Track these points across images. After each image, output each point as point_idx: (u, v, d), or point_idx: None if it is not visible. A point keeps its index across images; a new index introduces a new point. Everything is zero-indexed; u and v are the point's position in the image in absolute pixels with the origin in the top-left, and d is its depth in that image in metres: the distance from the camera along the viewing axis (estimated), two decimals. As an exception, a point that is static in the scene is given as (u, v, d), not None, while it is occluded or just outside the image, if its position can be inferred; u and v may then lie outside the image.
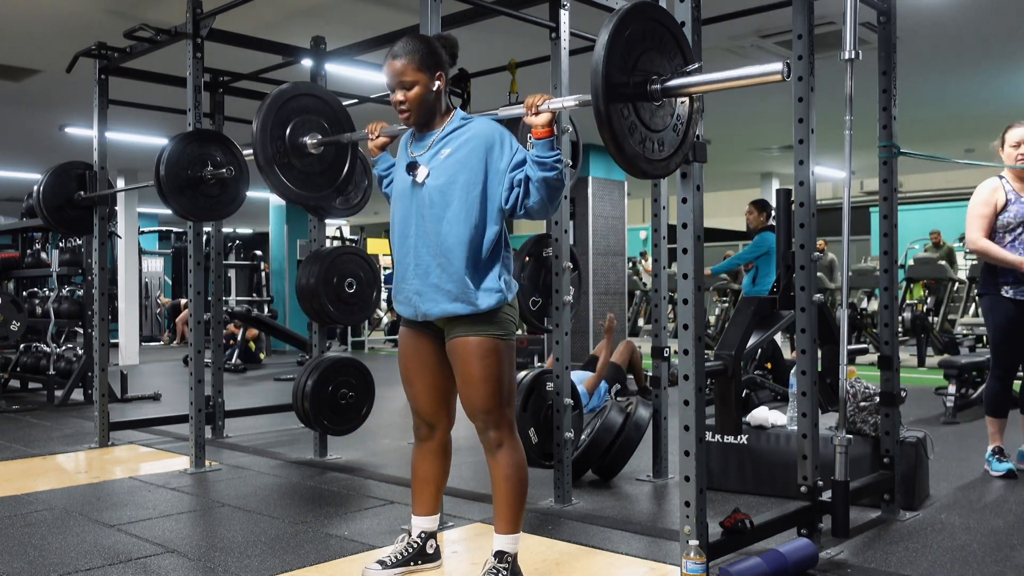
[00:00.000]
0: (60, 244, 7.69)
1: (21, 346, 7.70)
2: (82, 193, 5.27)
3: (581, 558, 2.96)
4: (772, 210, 6.94)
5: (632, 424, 4.08)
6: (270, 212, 13.65)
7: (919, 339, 9.57)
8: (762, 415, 3.93)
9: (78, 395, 7.28)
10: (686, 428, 2.46)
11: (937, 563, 2.86)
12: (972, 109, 9.24)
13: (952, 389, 5.78)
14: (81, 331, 7.53)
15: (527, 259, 3.81)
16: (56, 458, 4.89)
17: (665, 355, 3.97)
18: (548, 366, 3.94)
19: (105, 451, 5.08)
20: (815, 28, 3.17)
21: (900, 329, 9.04)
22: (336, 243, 12.42)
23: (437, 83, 2.56)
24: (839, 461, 2.97)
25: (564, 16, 3.64)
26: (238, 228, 20.35)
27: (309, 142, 3.47)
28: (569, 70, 3.69)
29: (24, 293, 8.29)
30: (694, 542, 2.42)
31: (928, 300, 10.47)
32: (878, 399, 3.51)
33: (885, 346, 3.46)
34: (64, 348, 7.49)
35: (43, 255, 8.02)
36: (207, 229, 5.51)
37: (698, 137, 2.42)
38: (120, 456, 5.00)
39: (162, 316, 16.43)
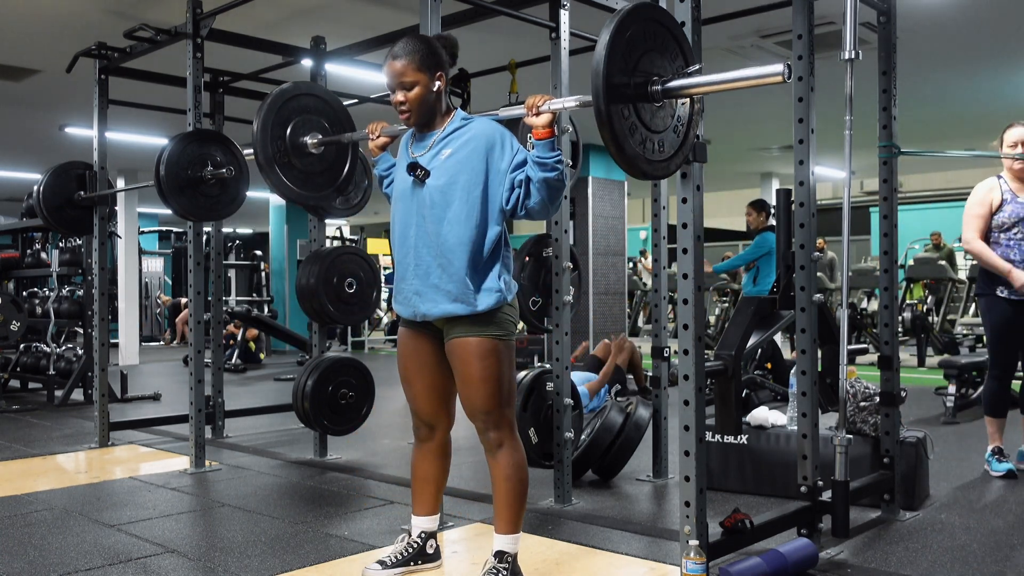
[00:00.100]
0: (60, 244, 7.69)
1: (21, 346, 7.70)
2: (82, 193, 5.27)
3: (581, 558, 2.96)
4: (772, 210, 6.95)
5: (632, 424, 4.08)
6: (270, 212, 13.66)
7: (919, 339, 9.57)
8: (762, 415, 3.93)
9: (78, 395, 7.28)
10: (686, 428, 2.46)
11: (937, 563, 2.86)
12: (972, 109, 9.24)
13: (952, 389, 5.78)
14: (81, 331, 7.53)
15: (527, 259, 3.81)
16: (56, 458, 4.89)
17: (665, 355, 3.97)
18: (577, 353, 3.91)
19: (105, 451, 5.08)
20: (815, 28, 3.17)
21: (900, 329, 9.04)
22: (336, 243, 12.42)
23: (437, 83, 2.56)
24: (839, 461, 2.97)
25: (564, 16, 3.64)
26: (238, 228, 20.36)
27: (310, 142, 3.47)
28: (569, 70, 3.69)
29: (24, 293, 8.29)
30: (694, 542, 2.42)
31: (928, 300, 10.48)
32: (878, 399, 3.51)
33: (885, 346, 3.46)
34: (64, 348, 7.49)
35: (43, 255, 8.01)
36: (207, 229, 5.51)
37: (698, 137, 2.42)
38: (120, 456, 5.00)
39: (162, 316, 16.42)
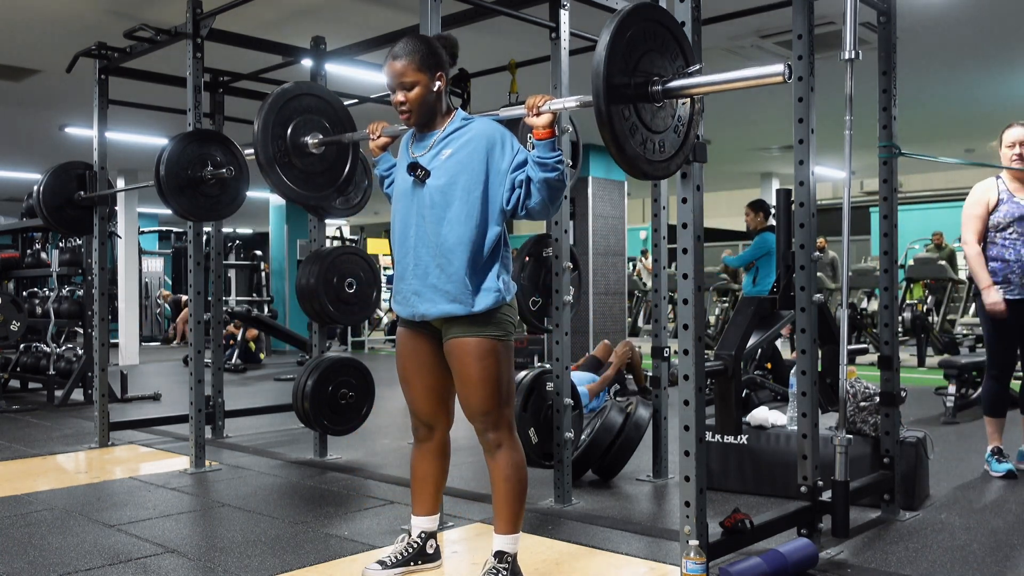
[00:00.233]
0: (60, 244, 7.69)
1: (21, 346, 7.70)
2: (82, 193, 5.27)
3: (581, 558, 2.96)
4: (770, 209, 6.95)
5: (632, 424, 4.08)
6: (270, 212, 13.66)
7: (919, 339, 9.57)
8: (762, 415, 3.93)
9: (78, 395, 7.28)
10: (686, 428, 2.46)
11: (937, 563, 2.86)
12: (972, 109, 9.24)
13: (952, 389, 5.78)
14: (81, 331, 7.53)
15: (527, 259, 3.81)
16: (56, 458, 4.89)
17: (665, 355, 3.97)
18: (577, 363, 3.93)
19: (105, 451, 5.08)
20: (815, 28, 3.17)
21: (900, 329, 9.04)
22: (336, 243, 12.43)
23: (438, 83, 2.56)
24: (839, 461, 2.97)
25: (564, 16, 3.64)
26: (238, 228, 20.36)
27: (310, 142, 3.48)
28: (569, 70, 3.69)
29: (24, 293, 8.29)
30: (694, 542, 2.42)
31: (928, 300, 10.48)
32: (878, 399, 3.51)
33: (885, 346, 3.46)
34: (64, 348, 7.49)
35: (43, 255, 8.01)
36: (207, 229, 5.51)
37: (698, 137, 2.42)
38: (120, 456, 5.00)
39: (162, 316, 16.41)
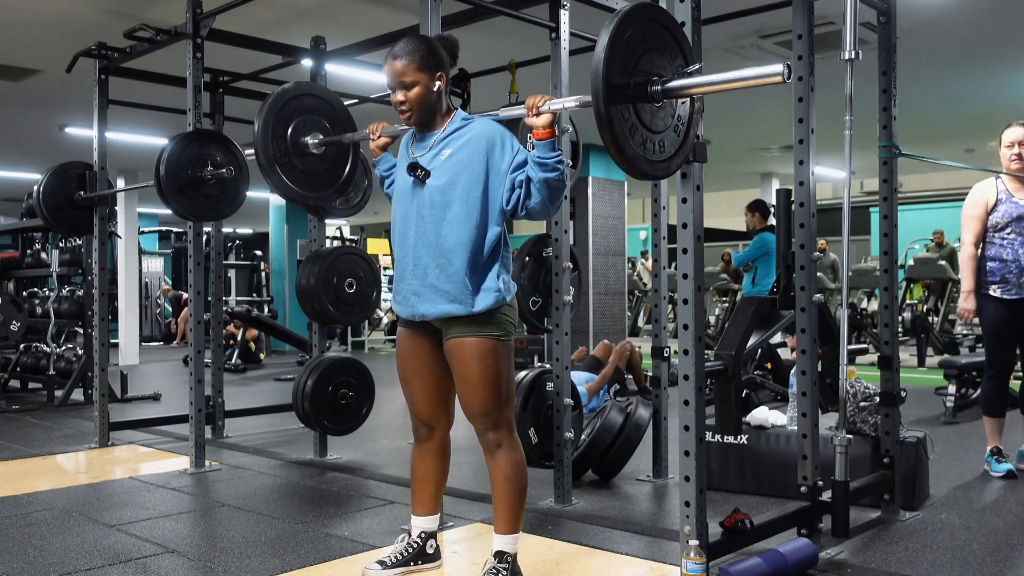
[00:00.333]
0: (60, 244, 7.69)
1: (21, 346, 7.70)
2: (82, 193, 5.27)
3: (581, 558, 2.96)
4: (768, 209, 6.95)
5: (632, 424, 4.08)
6: (270, 212, 13.66)
7: (919, 339, 9.57)
8: (762, 415, 3.93)
9: (78, 395, 7.28)
10: (686, 428, 2.46)
11: (937, 563, 2.86)
12: (972, 109, 9.24)
13: (952, 389, 5.78)
14: (81, 331, 7.53)
15: (527, 259, 3.81)
16: (56, 458, 4.89)
17: (665, 355, 3.97)
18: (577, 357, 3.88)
19: (105, 451, 5.08)
20: (815, 28, 3.17)
21: (900, 329, 9.04)
22: (336, 243, 12.43)
23: (438, 83, 2.56)
24: (839, 461, 2.97)
25: (564, 16, 3.64)
26: (238, 228, 20.36)
27: (311, 142, 3.47)
28: (569, 70, 3.69)
29: (24, 293, 8.29)
30: (694, 542, 2.42)
31: (928, 300, 10.47)
32: (878, 399, 3.51)
33: (885, 346, 3.46)
34: (64, 348, 7.49)
35: (43, 255, 8.01)
36: (207, 229, 5.51)
37: (698, 137, 2.42)
38: (120, 456, 5.00)
39: (162, 317, 16.40)
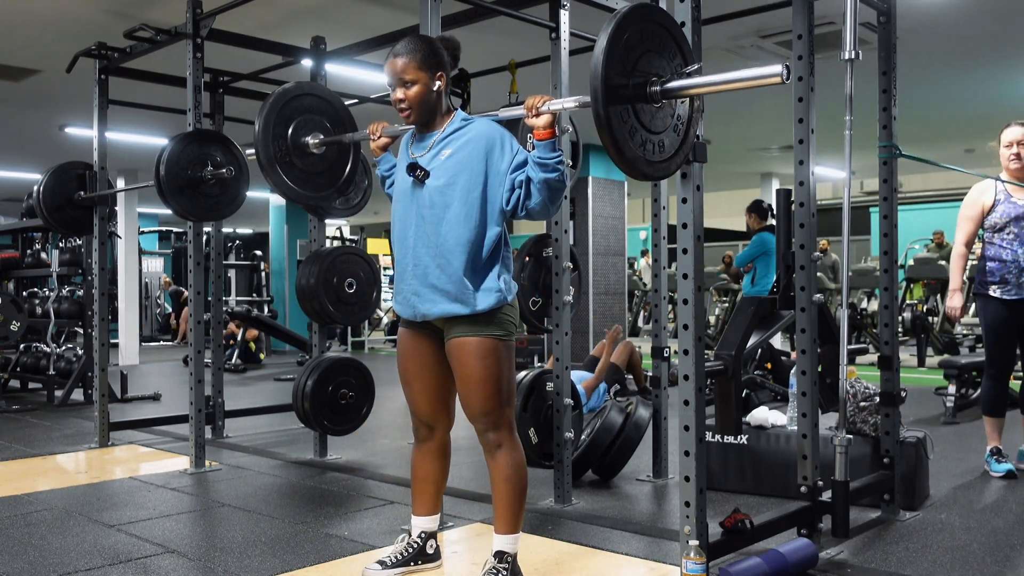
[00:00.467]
0: (60, 244, 7.69)
1: (21, 346, 7.70)
2: (82, 193, 5.27)
3: (581, 558, 2.96)
4: (767, 209, 6.95)
5: (632, 424, 4.08)
6: (270, 212, 13.66)
7: (919, 339, 9.57)
8: (762, 415, 3.93)
9: (78, 395, 7.28)
10: (686, 428, 2.46)
11: (937, 563, 2.86)
12: (972, 109, 9.24)
13: (952, 389, 5.78)
14: (81, 331, 7.53)
15: (527, 259, 3.81)
16: (56, 458, 4.89)
17: (665, 355, 3.97)
18: (549, 366, 3.96)
19: (105, 451, 5.08)
20: (815, 28, 3.17)
21: (900, 329, 9.04)
22: (336, 243, 12.43)
23: (438, 83, 2.56)
24: (839, 461, 2.97)
25: (564, 16, 3.64)
26: (238, 228, 20.35)
27: (311, 142, 3.47)
28: (569, 70, 3.69)
29: (24, 293, 8.29)
30: (694, 542, 2.42)
31: (928, 300, 10.47)
32: (878, 399, 3.51)
33: (885, 346, 3.46)
34: (64, 348, 7.49)
35: (43, 255, 8.01)
36: (207, 229, 5.51)
37: (698, 137, 2.42)
38: (120, 456, 5.00)
39: (161, 316, 16.40)
